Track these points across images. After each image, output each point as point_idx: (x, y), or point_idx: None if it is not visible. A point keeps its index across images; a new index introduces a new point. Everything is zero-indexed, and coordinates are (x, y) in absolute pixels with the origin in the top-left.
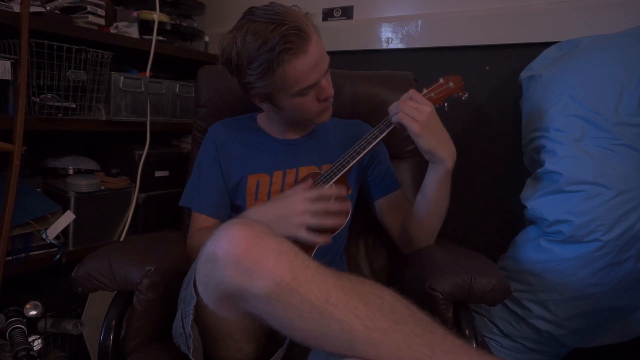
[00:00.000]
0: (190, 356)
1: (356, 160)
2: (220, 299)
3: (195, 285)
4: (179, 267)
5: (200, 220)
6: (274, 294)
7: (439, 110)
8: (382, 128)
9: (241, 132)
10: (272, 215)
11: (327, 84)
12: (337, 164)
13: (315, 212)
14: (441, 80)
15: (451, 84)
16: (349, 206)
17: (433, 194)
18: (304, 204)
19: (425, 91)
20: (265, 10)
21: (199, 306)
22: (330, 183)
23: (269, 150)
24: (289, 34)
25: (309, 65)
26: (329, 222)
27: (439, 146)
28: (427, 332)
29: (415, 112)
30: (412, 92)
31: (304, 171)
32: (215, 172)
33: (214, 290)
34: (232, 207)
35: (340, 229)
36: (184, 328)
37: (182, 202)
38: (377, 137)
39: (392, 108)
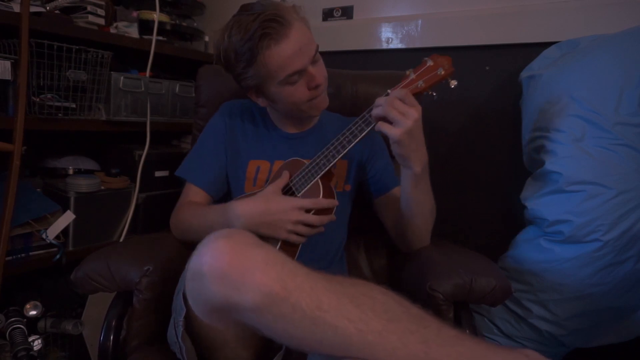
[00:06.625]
0: None
1: (335, 160)
2: (212, 312)
3: (185, 297)
4: (178, 267)
5: (193, 192)
6: (264, 305)
7: (428, 99)
8: (362, 127)
9: (251, 117)
10: (262, 219)
11: (317, 72)
12: (318, 159)
13: (308, 223)
14: (430, 62)
15: (441, 70)
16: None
17: (410, 195)
18: (299, 215)
19: (413, 77)
20: (252, 5)
21: (192, 316)
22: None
23: (271, 140)
24: (267, 19)
25: (291, 51)
26: (314, 231)
27: (413, 152)
28: (421, 328)
29: (401, 117)
30: (404, 93)
31: None
32: (219, 149)
33: (204, 305)
34: (227, 189)
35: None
36: (177, 337)
37: (179, 172)
38: (357, 136)
39: (378, 110)
